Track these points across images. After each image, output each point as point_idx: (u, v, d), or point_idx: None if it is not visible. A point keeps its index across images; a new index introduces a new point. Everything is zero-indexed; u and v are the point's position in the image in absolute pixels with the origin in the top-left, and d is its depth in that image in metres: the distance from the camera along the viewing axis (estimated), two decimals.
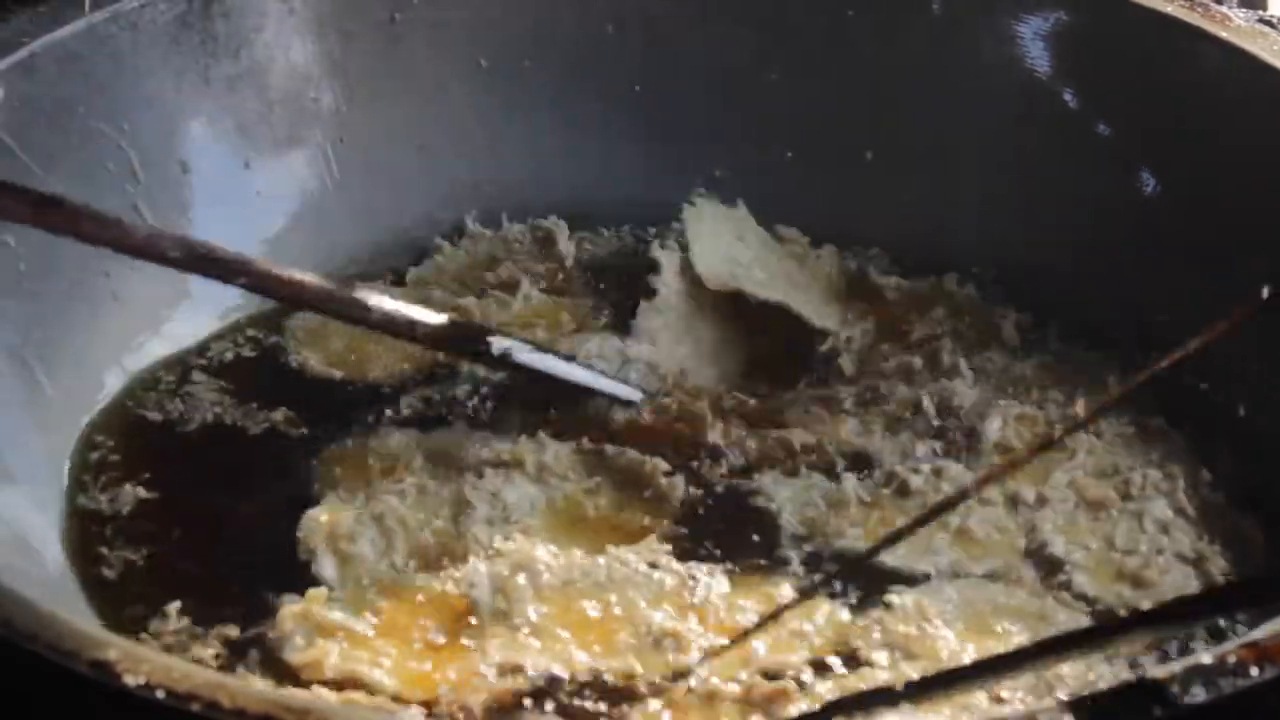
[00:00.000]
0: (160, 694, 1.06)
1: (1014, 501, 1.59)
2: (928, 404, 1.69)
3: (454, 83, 1.94)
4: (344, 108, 1.90)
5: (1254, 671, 1.10)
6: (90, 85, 1.71)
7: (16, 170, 1.62)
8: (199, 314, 1.79)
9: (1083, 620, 1.46)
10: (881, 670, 1.39)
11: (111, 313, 1.71)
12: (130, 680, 1.06)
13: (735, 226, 1.88)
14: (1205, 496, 1.61)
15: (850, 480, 1.61)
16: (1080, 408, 1.69)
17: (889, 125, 1.92)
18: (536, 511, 1.55)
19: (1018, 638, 1.43)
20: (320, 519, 1.51)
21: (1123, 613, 1.45)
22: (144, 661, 1.08)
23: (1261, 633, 1.14)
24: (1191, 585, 1.51)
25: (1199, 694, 1.08)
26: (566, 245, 1.90)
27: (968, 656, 1.40)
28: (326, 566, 1.48)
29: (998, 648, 1.40)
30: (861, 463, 1.64)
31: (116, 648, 1.09)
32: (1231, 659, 1.10)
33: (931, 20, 1.89)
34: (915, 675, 1.32)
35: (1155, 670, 1.10)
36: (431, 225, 1.93)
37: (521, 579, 1.44)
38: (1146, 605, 1.47)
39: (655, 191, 1.95)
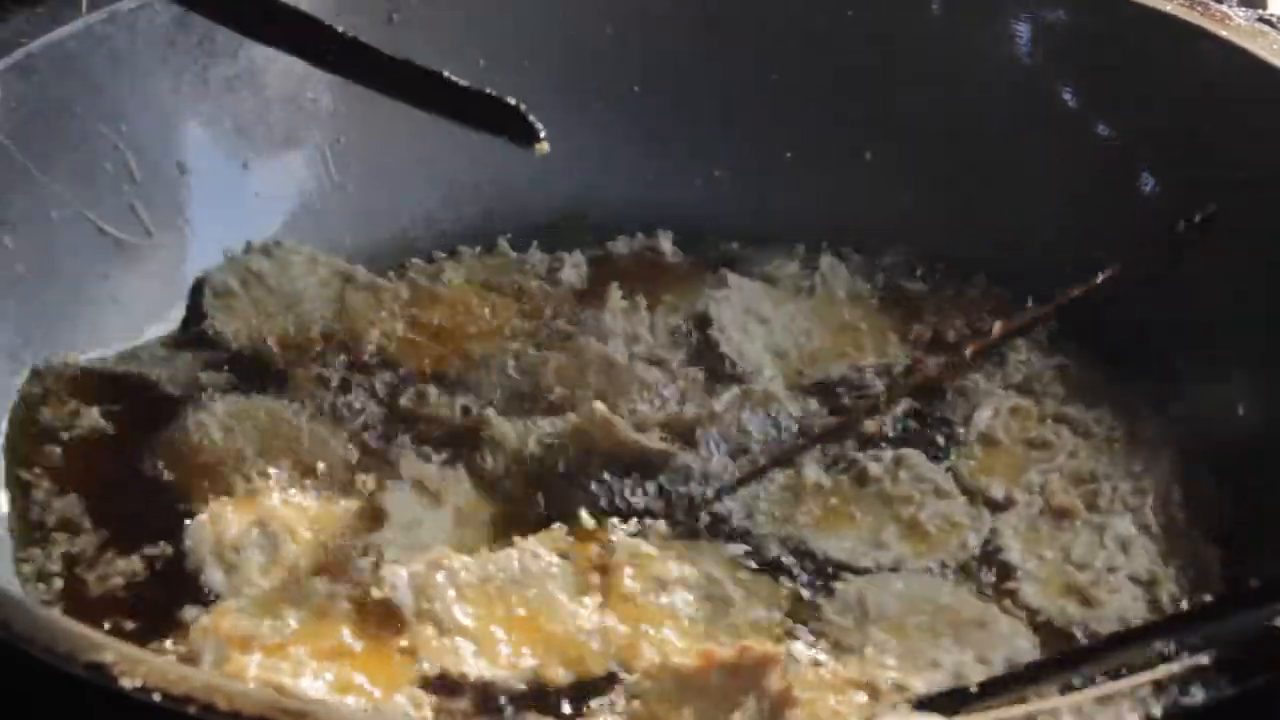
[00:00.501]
0: (157, 696, 1.06)
1: (978, 498, 1.59)
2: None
3: None
4: (342, 108, 1.89)
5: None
6: (88, 86, 1.71)
7: (14, 170, 1.63)
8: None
9: (1023, 632, 1.45)
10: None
11: (110, 314, 1.71)
12: (127, 682, 1.06)
13: (756, 305, 1.85)
14: (1173, 515, 1.59)
15: (811, 466, 1.61)
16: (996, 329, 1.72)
17: (888, 125, 1.92)
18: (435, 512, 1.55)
19: (947, 641, 1.42)
20: (206, 528, 1.50)
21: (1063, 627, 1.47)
22: (141, 664, 1.08)
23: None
24: (1138, 608, 1.49)
25: (1198, 695, 1.08)
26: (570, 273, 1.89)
27: (895, 653, 1.40)
28: (215, 577, 1.46)
29: (927, 651, 1.40)
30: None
31: (113, 650, 1.09)
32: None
33: (931, 20, 1.89)
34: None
35: None
36: (430, 225, 1.93)
37: (440, 577, 1.43)
38: (1092, 625, 1.47)
39: (655, 191, 1.96)
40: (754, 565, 1.51)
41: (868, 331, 1.81)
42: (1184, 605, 1.49)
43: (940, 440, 1.67)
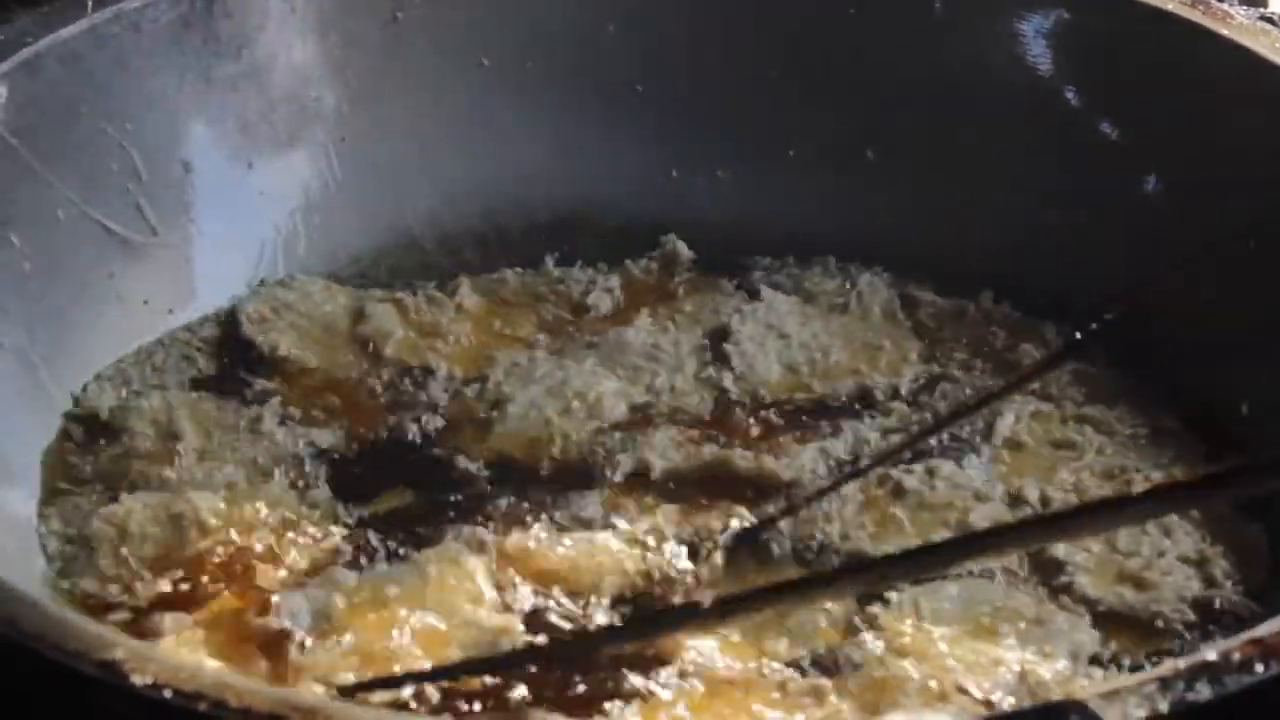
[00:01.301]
0: (168, 693, 1.06)
1: (1016, 499, 1.60)
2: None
3: (456, 82, 1.94)
4: (346, 107, 1.90)
5: (1259, 668, 1.10)
6: (93, 85, 1.72)
7: (20, 169, 1.63)
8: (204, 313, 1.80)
9: (1083, 623, 1.46)
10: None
11: (115, 313, 1.72)
12: (138, 680, 1.06)
13: (780, 322, 1.84)
14: (1209, 501, 1.60)
15: (847, 485, 1.60)
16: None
17: (890, 124, 1.92)
18: None
19: (1010, 640, 1.43)
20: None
21: (1125, 612, 1.48)
22: (151, 661, 1.08)
23: (1266, 629, 1.14)
24: (1194, 587, 1.51)
25: (1204, 692, 1.08)
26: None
27: (957, 658, 1.40)
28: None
29: (990, 651, 1.41)
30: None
31: (124, 647, 1.09)
32: (1236, 656, 1.11)
33: (933, 19, 1.89)
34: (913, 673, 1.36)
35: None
36: (434, 224, 1.93)
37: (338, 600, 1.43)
38: (1154, 607, 1.48)
39: (657, 190, 1.96)
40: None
41: (888, 351, 1.80)
42: (1235, 581, 1.52)
43: (962, 450, 1.67)
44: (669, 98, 1.96)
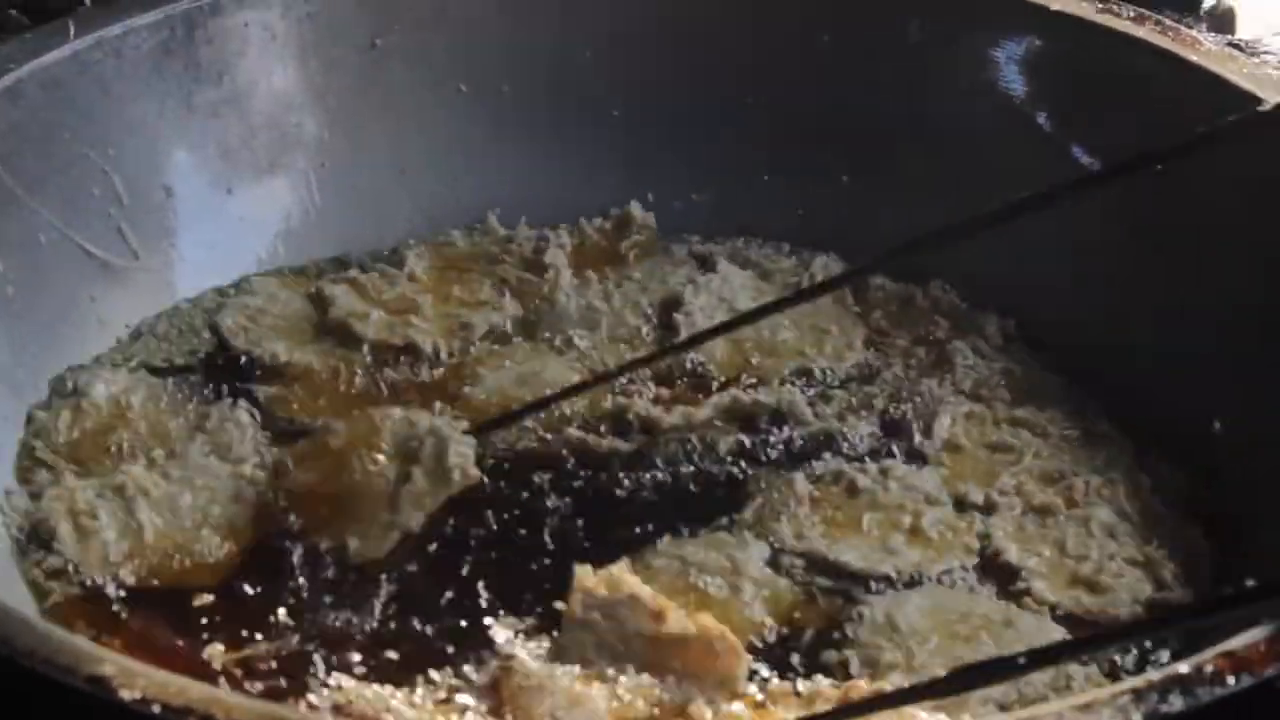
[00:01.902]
0: (156, 708, 1.07)
1: (961, 503, 1.63)
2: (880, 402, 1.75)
3: (434, 107, 1.95)
4: (326, 133, 1.91)
5: (1230, 680, 1.12)
6: (75, 111, 1.73)
7: (3, 193, 1.64)
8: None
9: (1049, 625, 1.49)
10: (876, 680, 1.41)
11: (97, 335, 1.73)
12: (126, 695, 1.07)
13: (732, 296, 1.87)
14: (1146, 502, 1.64)
15: (799, 478, 1.63)
16: None
17: (865, 148, 1.94)
18: None
19: (985, 645, 1.45)
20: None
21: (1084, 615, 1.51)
22: (140, 676, 1.09)
23: (1238, 642, 1.16)
24: (1144, 588, 1.54)
25: (1177, 703, 1.10)
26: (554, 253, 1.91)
27: (941, 664, 1.42)
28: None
29: (969, 656, 1.42)
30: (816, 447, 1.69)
31: (112, 663, 1.10)
32: (1209, 668, 1.13)
33: (908, 45, 1.92)
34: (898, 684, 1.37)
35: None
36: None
37: None
38: (1111, 610, 1.51)
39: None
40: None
41: (836, 335, 1.84)
42: (1182, 582, 1.55)
43: (903, 448, 1.70)
44: (645, 122, 1.98)
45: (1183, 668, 1.13)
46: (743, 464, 1.66)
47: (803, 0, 1.95)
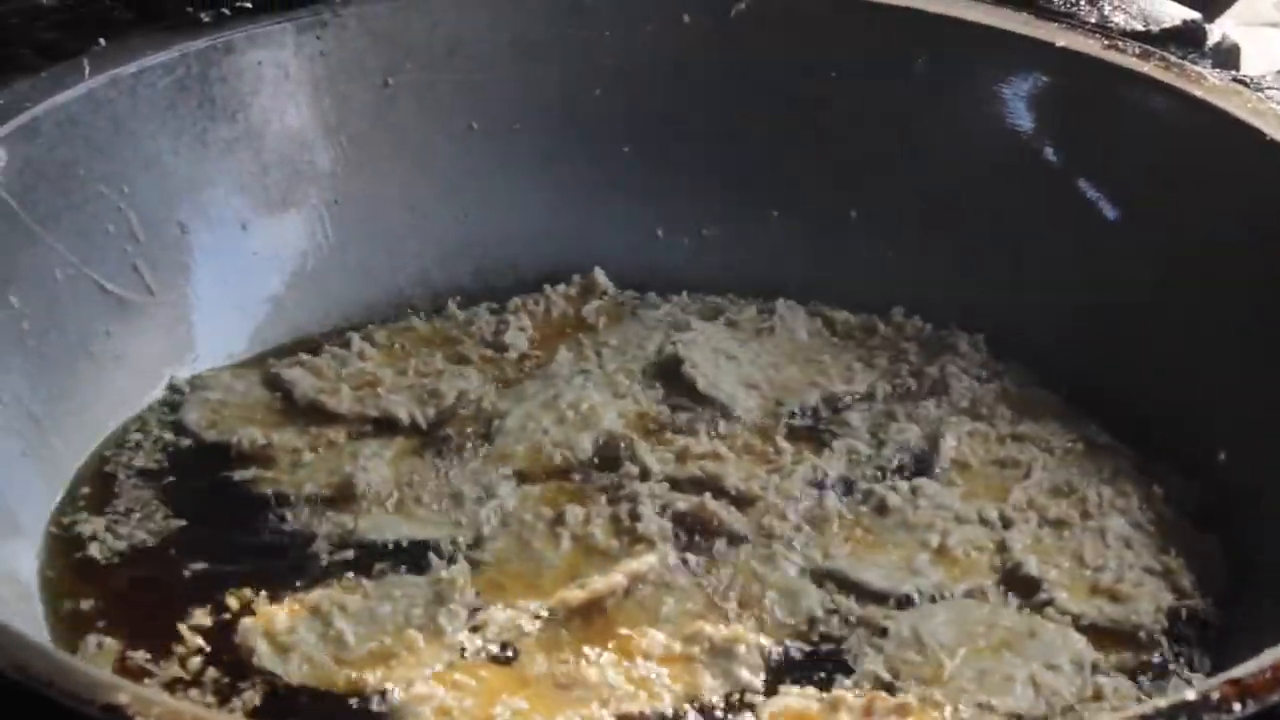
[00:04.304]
0: None
1: (982, 521, 1.64)
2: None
3: (446, 145, 1.97)
4: (339, 170, 1.92)
5: (1236, 708, 1.13)
6: (90, 148, 1.74)
7: (19, 230, 1.66)
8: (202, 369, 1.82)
9: (1072, 635, 1.50)
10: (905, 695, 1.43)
11: (114, 371, 1.74)
12: None
13: (723, 345, 1.88)
14: (1160, 512, 1.66)
15: (831, 497, 1.65)
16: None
17: (873, 184, 1.95)
18: None
19: (1013, 656, 1.47)
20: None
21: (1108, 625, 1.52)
22: (155, 705, 1.10)
23: (1243, 670, 1.16)
24: (1166, 597, 1.55)
25: None
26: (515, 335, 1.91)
27: (970, 678, 1.44)
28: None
29: (999, 668, 1.45)
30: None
31: (127, 691, 1.11)
32: (1215, 695, 1.13)
33: (914, 81, 1.93)
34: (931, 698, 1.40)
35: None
36: (426, 284, 1.96)
37: None
38: (1133, 619, 1.52)
39: (644, 249, 1.99)
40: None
41: (832, 364, 1.86)
42: (1201, 591, 1.57)
43: (914, 468, 1.71)
44: (655, 158, 1.99)
45: (1189, 694, 1.13)
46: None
47: (810, 38, 1.96)
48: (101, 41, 1.80)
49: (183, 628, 1.48)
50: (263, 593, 1.52)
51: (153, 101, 1.80)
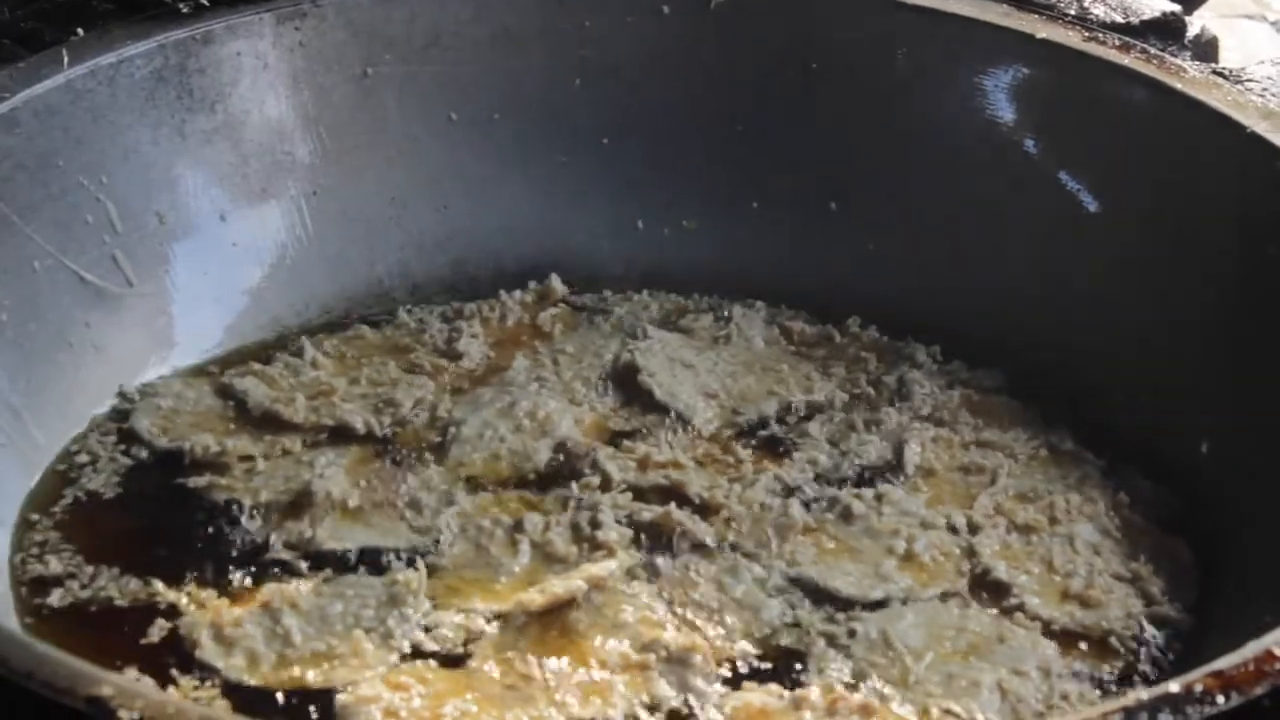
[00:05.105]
0: None
1: (950, 527, 1.63)
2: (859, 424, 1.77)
3: (425, 136, 1.97)
4: (318, 161, 1.92)
5: (1220, 700, 1.13)
6: (69, 139, 1.74)
7: None
8: (180, 362, 1.82)
9: (1041, 640, 1.50)
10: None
11: (94, 362, 1.73)
12: (125, 716, 1.08)
13: (679, 354, 1.88)
14: (1127, 518, 1.66)
15: (795, 505, 1.64)
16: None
17: (854, 176, 1.96)
18: None
19: (980, 661, 1.47)
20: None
21: (1079, 630, 1.52)
22: (138, 697, 1.10)
23: (1226, 662, 1.17)
24: (1135, 603, 1.55)
25: None
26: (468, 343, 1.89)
27: (936, 680, 1.44)
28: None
29: (966, 673, 1.44)
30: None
31: (110, 684, 1.11)
32: (1198, 688, 1.14)
33: (895, 72, 1.93)
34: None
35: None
36: (406, 275, 1.96)
37: None
38: (1104, 625, 1.52)
39: (623, 240, 2.00)
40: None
41: (789, 373, 1.85)
42: (1170, 596, 1.56)
43: (880, 476, 1.70)
44: (635, 150, 2.00)
45: (1173, 687, 1.13)
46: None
47: (790, 29, 1.96)
48: (80, 31, 1.79)
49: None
50: (213, 591, 1.52)
51: (131, 92, 1.79)
